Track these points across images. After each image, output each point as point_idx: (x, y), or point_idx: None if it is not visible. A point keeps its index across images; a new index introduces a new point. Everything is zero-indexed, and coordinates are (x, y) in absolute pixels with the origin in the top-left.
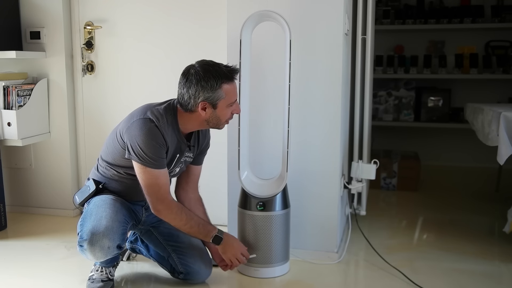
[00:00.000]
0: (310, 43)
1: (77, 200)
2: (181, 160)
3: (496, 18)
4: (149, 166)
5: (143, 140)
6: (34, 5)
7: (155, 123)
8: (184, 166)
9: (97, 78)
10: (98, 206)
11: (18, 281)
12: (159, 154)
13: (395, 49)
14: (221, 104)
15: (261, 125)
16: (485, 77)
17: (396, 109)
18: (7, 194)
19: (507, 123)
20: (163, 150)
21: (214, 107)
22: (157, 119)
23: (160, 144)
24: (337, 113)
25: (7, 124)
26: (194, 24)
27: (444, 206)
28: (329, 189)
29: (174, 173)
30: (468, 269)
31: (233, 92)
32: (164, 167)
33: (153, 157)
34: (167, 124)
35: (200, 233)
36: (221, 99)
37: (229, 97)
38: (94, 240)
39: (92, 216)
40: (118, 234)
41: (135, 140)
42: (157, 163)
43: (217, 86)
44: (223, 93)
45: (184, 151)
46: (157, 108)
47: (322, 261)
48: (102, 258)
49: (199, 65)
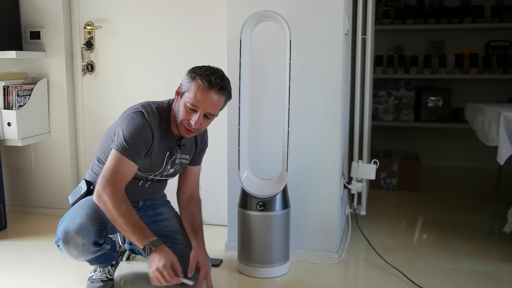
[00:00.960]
0: (310, 43)
1: (70, 200)
2: (176, 161)
3: (496, 18)
4: (121, 151)
5: (129, 129)
6: (34, 5)
7: (145, 117)
8: (180, 167)
9: (97, 78)
10: (78, 205)
11: (18, 281)
12: (138, 147)
13: (395, 49)
14: (184, 97)
15: (261, 125)
16: (485, 77)
17: (396, 109)
18: (7, 194)
19: (507, 123)
20: (144, 147)
21: (181, 96)
22: (147, 113)
23: (144, 138)
24: (337, 113)
25: (7, 124)
26: (194, 24)
27: (444, 206)
28: (329, 189)
29: (168, 173)
30: (468, 269)
31: (199, 95)
32: (135, 161)
33: (130, 145)
34: (161, 121)
35: (133, 233)
36: (187, 90)
37: (191, 93)
38: (68, 238)
39: (68, 216)
40: (92, 231)
41: (123, 129)
42: (131, 152)
43: (192, 77)
44: (191, 86)
45: (174, 149)
46: (151, 104)
47: (322, 261)
48: (81, 257)
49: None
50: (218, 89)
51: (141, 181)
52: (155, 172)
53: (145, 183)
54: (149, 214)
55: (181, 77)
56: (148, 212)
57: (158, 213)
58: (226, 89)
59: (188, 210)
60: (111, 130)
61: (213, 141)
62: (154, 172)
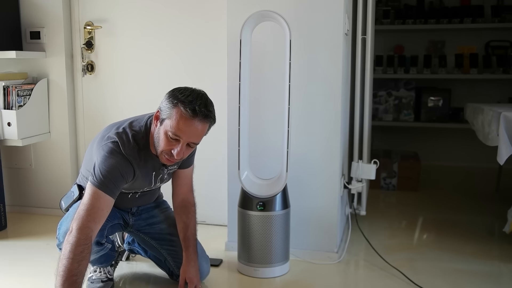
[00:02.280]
0: (310, 43)
1: (63, 205)
2: (164, 176)
3: (496, 18)
4: (98, 186)
5: (106, 164)
6: (34, 5)
7: (121, 151)
8: (168, 177)
9: (97, 78)
10: (75, 208)
11: (18, 281)
12: (116, 181)
13: (395, 49)
14: (165, 125)
15: (261, 125)
16: (485, 77)
17: (396, 109)
18: (7, 194)
19: (507, 123)
20: (124, 181)
21: (161, 122)
22: (123, 145)
23: (124, 175)
24: (337, 113)
25: (7, 124)
26: (194, 24)
27: (444, 206)
28: (329, 189)
29: (156, 185)
30: (468, 269)
31: (181, 124)
32: (111, 195)
33: (107, 179)
34: (139, 149)
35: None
36: (167, 117)
37: (172, 123)
38: None
39: (68, 218)
40: None
41: (100, 165)
42: (108, 186)
43: (174, 103)
44: (173, 113)
45: (160, 169)
46: (128, 131)
47: (322, 261)
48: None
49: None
50: (202, 117)
51: (130, 194)
52: (144, 189)
53: (135, 195)
54: (143, 217)
55: (180, 79)
56: (143, 215)
57: (152, 215)
58: (210, 116)
59: (180, 220)
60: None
61: (213, 141)
62: (143, 188)
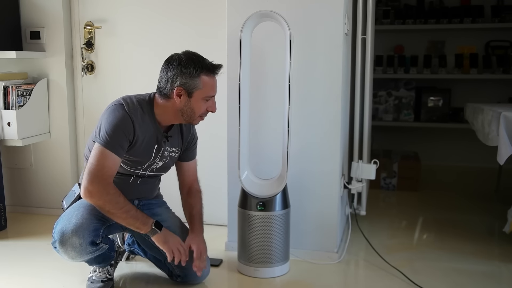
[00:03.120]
0: (310, 43)
1: (64, 205)
2: (164, 154)
3: (496, 18)
4: (103, 144)
5: (110, 121)
6: (34, 5)
7: (125, 110)
8: (169, 161)
9: (97, 78)
10: (73, 207)
11: (18, 281)
12: (120, 139)
13: (395, 49)
14: (197, 95)
15: (261, 125)
16: (485, 77)
17: (396, 109)
18: (7, 194)
19: (507, 123)
20: (126, 139)
21: (190, 95)
22: (127, 104)
23: (125, 130)
24: (337, 113)
25: (7, 124)
26: (194, 24)
27: (444, 206)
28: (329, 189)
29: (157, 166)
30: (468, 269)
31: (211, 86)
32: (118, 154)
33: (112, 139)
34: (142, 112)
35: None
36: (197, 89)
37: (206, 89)
38: (64, 239)
39: (64, 217)
40: (88, 231)
41: (103, 123)
42: (113, 144)
43: (196, 74)
44: (200, 83)
45: (162, 141)
46: (133, 97)
47: (322, 261)
48: (79, 257)
49: (183, 53)
50: (217, 68)
51: (132, 177)
52: (144, 165)
53: (136, 179)
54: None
55: None
56: (144, 212)
57: (154, 213)
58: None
59: (186, 203)
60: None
61: (213, 141)
62: (143, 165)
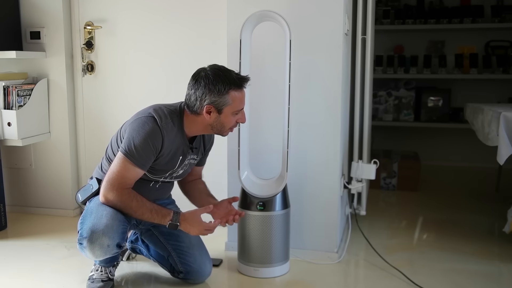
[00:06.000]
0: (310, 43)
1: (79, 198)
2: (185, 162)
3: (496, 18)
4: (128, 157)
5: (140, 135)
6: (34, 5)
7: (157, 123)
8: (189, 168)
9: (97, 78)
10: (98, 204)
11: (18, 281)
12: (147, 154)
13: (395, 49)
14: (227, 111)
15: (261, 125)
16: (485, 77)
17: (396, 109)
18: (7, 194)
19: (507, 123)
20: (153, 154)
21: (219, 112)
22: (160, 118)
23: (154, 146)
24: (337, 113)
25: (7, 124)
26: (194, 24)
27: (444, 206)
28: (329, 189)
29: (177, 174)
30: (468, 269)
31: (240, 100)
32: (141, 167)
33: (139, 153)
34: (172, 125)
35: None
36: (227, 105)
37: (235, 104)
38: (94, 238)
39: (92, 215)
40: (118, 233)
41: (132, 134)
42: (138, 158)
43: (225, 92)
44: (229, 99)
45: (187, 153)
46: (164, 108)
47: (322, 261)
48: (101, 257)
49: (210, 68)
50: (245, 81)
51: (152, 183)
52: (166, 174)
53: (155, 184)
54: None
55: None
56: None
57: None
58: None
59: (195, 187)
60: (120, 131)
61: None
62: (165, 173)
